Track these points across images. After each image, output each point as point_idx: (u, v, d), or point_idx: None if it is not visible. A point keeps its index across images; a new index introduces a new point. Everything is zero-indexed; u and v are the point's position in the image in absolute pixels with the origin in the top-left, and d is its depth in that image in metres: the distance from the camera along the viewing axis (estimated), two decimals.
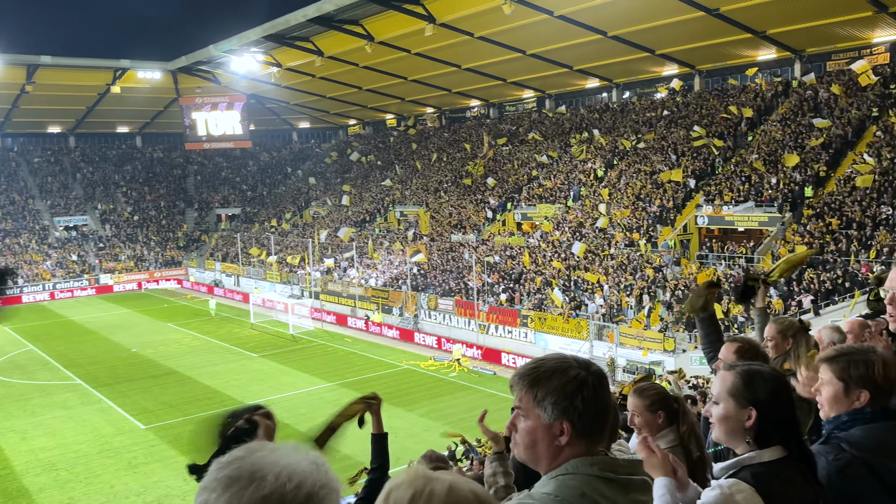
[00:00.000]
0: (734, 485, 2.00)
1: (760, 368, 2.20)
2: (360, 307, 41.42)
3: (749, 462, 2.08)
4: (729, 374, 2.19)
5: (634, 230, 34.74)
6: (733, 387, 2.15)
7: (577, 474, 1.65)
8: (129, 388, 28.91)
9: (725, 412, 2.15)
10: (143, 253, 60.12)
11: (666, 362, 26.27)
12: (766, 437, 2.09)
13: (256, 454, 1.16)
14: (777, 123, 36.03)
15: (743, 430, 2.11)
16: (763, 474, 2.03)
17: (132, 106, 62.89)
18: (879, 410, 2.27)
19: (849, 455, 2.20)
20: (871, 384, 2.26)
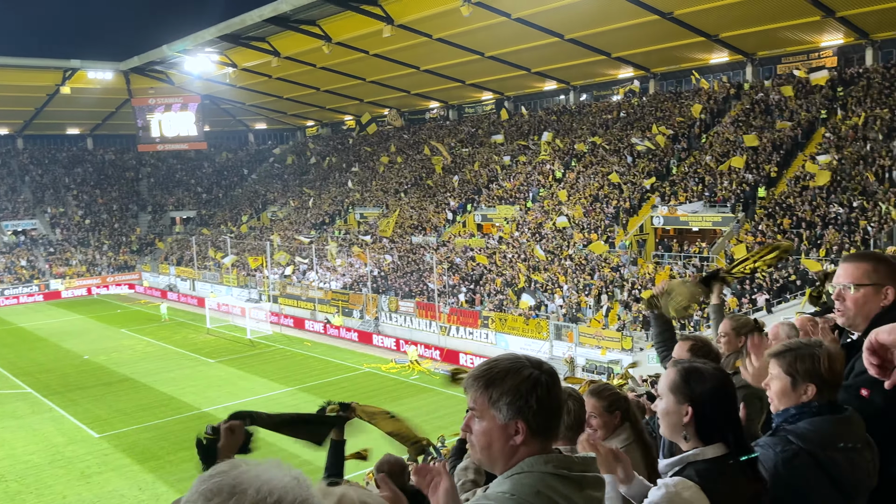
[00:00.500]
0: (679, 482, 2.03)
1: (701, 366, 2.24)
2: (321, 310, 41.07)
3: (693, 459, 2.11)
4: (671, 370, 2.25)
5: (592, 230, 35.13)
6: (673, 383, 2.20)
7: (532, 472, 1.66)
8: (81, 396, 28.17)
9: (666, 408, 2.21)
10: (95, 257, 58.69)
11: (624, 361, 26.64)
12: (708, 434, 2.13)
13: (239, 469, 1.16)
14: (729, 125, 36.83)
15: (681, 425, 2.16)
16: (707, 471, 2.07)
17: (83, 107, 61.38)
18: (826, 404, 2.32)
19: (795, 447, 2.25)
20: (818, 378, 2.31)
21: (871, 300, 2.64)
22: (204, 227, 62.03)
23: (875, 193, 27.53)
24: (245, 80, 54.30)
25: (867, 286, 2.64)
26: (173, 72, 55.93)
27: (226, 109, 68.11)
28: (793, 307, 23.66)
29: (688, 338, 4.05)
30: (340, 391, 27.89)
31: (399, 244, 43.93)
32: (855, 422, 2.33)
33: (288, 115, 68.22)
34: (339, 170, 59.60)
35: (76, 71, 55.06)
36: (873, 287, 2.63)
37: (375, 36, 40.14)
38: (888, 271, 2.65)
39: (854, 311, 2.68)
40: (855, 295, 2.67)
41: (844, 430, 2.29)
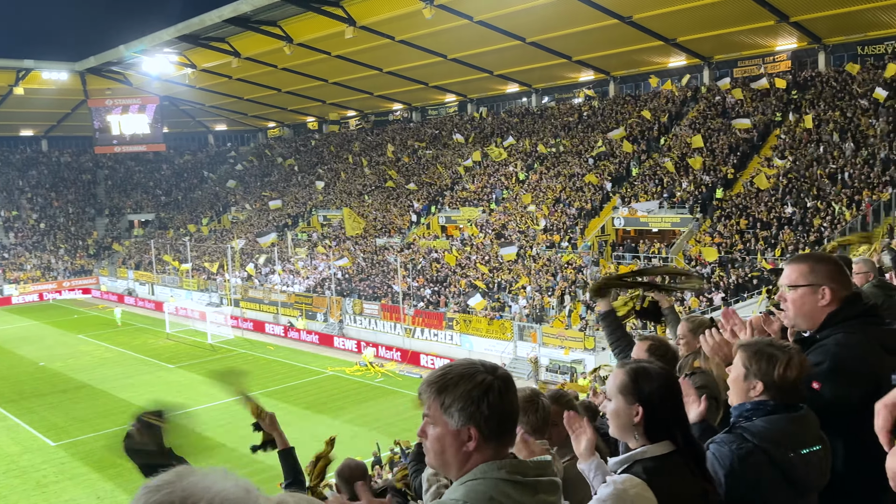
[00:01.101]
0: (627, 479, 2.08)
1: (648, 366, 2.29)
2: (283, 314, 40.68)
3: (640, 457, 2.16)
4: (619, 371, 2.29)
5: (555, 232, 35.44)
6: (622, 384, 2.24)
7: (485, 479, 1.65)
8: (36, 403, 27.48)
9: (616, 408, 2.25)
10: (51, 262, 57.31)
11: (587, 360, 26.91)
12: (655, 433, 2.18)
13: (187, 479, 1.11)
14: (687, 128, 37.48)
15: (632, 425, 2.20)
16: (653, 469, 2.11)
17: (37, 108, 59.83)
18: (782, 403, 2.37)
19: (750, 445, 2.31)
20: (767, 379, 2.38)
21: (807, 300, 2.73)
22: (163, 229, 61.00)
23: (828, 194, 28.29)
24: (205, 80, 53.55)
25: (803, 287, 2.73)
26: (131, 72, 54.90)
27: (185, 111, 67.05)
28: (749, 306, 24.17)
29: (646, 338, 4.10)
30: (304, 395, 27.69)
31: (363, 246, 43.75)
32: (810, 421, 2.39)
33: (249, 116, 67.44)
34: (301, 171, 59.12)
35: (30, 71, 53.68)
36: (809, 287, 2.72)
37: (337, 37, 39.94)
38: (826, 271, 2.73)
39: (793, 311, 2.78)
40: (792, 296, 2.76)
41: (798, 429, 2.35)
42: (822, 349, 2.65)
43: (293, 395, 27.60)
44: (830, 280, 2.71)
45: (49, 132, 68.52)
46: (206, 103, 63.29)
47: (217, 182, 66.85)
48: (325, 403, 26.32)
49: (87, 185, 67.52)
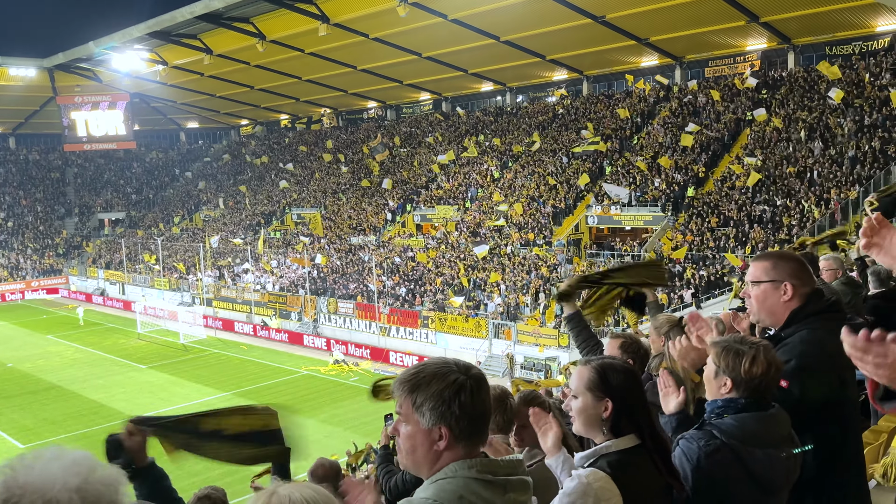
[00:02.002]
0: (591, 473, 2.11)
1: (612, 362, 2.34)
2: (257, 313, 40.38)
3: (605, 451, 2.19)
4: (585, 368, 2.32)
5: (529, 230, 35.60)
6: (590, 381, 2.27)
7: (455, 478, 1.66)
8: (4, 405, 27.00)
9: (584, 405, 2.27)
10: (19, 261, 56.27)
11: (561, 357, 27.08)
12: (621, 427, 2.22)
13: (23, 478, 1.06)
14: (659, 127, 37.84)
15: (600, 420, 2.24)
16: (618, 462, 2.15)
17: (4, 105, 58.65)
18: (752, 401, 2.41)
19: (718, 442, 2.34)
20: (735, 374, 2.42)
21: (770, 296, 2.77)
22: (134, 228, 60.18)
23: (797, 192, 28.75)
24: (176, 77, 52.88)
25: (765, 283, 2.78)
26: (101, 69, 54.04)
27: (156, 108, 66.18)
28: (721, 302, 24.49)
29: (618, 335, 4.13)
30: (278, 395, 27.51)
31: (337, 245, 43.57)
32: (780, 420, 2.42)
33: (221, 113, 66.75)
34: (274, 169, 58.69)
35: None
36: (771, 283, 2.76)
37: (311, 34, 39.69)
38: (788, 268, 2.78)
39: (756, 306, 2.83)
40: (755, 291, 2.81)
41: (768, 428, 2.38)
42: (788, 347, 2.68)
43: (267, 394, 27.42)
44: (792, 276, 2.75)
45: (17, 129, 67.21)
46: (177, 100, 62.50)
47: (189, 180, 66.11)
48: (299, 403, 26.16)
49: (55, 184, 66.37)
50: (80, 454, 1.10)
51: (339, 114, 61.35)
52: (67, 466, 1.07)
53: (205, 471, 19.59)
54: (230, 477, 17.63)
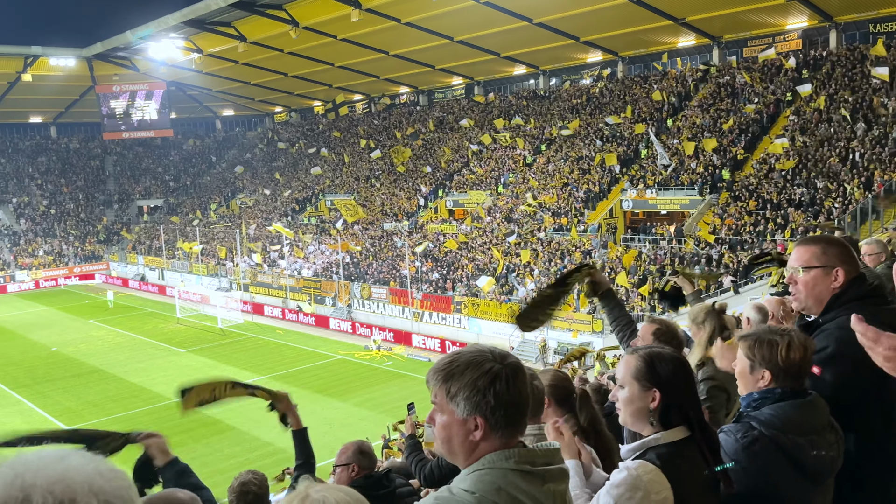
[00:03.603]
0: (640, 466, 2.05)
1: (661, 351, 2.25)
2: (292, 298, 40.86)
3: (654, 443, 2.12)
4: (632, 357, 2.24)
5: (563, 215, 35.35)
6: (637, 370, 2.19)
7: (493, 469, 1.63)
8: (50, 388, 27.77)
9: (630, 395, 2.20)
10: (62, 248, 57.65)
11: (595, 343, 26.91)
12: (670, 419, 2.14)
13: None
14: (697, 108, 37.18)
15: (648, 412, 2.16)
16: (667, 455, 2.08)
17: (45, 95, 59.90)
18: (789, 390, 2.35)
19: (756, 433, 2.28)
20: (773, 365, 2.34)
21: (820, 282, 2.68)
22: (172, 215, 61.19)
23: (839, 174, 28.05)
24: (211, 65, 53.44)
25: (816, 268, 2.68)
26: (138, 58, 54.83)
27: (192, 96, 67.01)
28: (759, 287, 24.09)
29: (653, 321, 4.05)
30: (314, 379, 27.85)
31: (371, 231, 43.79)
32: (819, 407, 2.36)
33: (256, 101, 67.32)
34: (308, 156, 59.09)
35: (38, 58, 53.69)
36: (822, 269, 2.67)
37: (343, 20, 39.72)
38: (837, 253, 2.68)
39: (805, 293, 2.73)
40: (804, 277, 2.71)
41: (808, 416, 2.32)
42: (826, 333, 2.61)
43: (303, 378, 27.79)
44: (843, 262, 2.67)
45: (58, 119, 68.66)
46: (213, 88, 63.19)
47: (225, 168, 66.93)
48: (334, 387, 26.48)
49: (95, 172, 67.73)
50: (84, 454, 1.05)
51: (372, 99, 61.44)
52: (78, 466, 1.02)
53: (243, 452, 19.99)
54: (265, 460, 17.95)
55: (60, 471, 0.99)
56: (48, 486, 0.97)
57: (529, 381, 3.14)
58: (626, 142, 37.99)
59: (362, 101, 62.20)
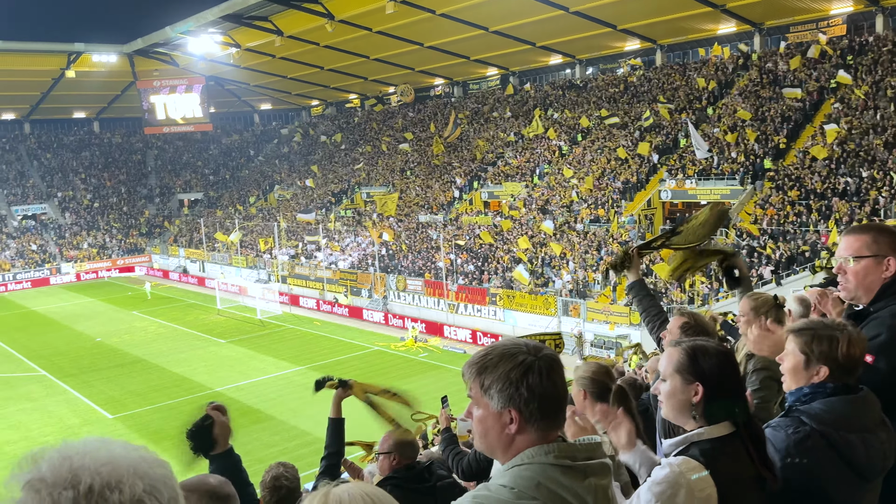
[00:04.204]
0: (683, 462, 1.99)
1: (706, 344, 2.18)
2: (329, 290, 41.23)
3: (697, 438, 2.07)
4: (675, 350, 2.18)
5: (600, 206, 35.01)
6: (679, 363, 2.14)
7: (532, 464, 1.61)
8: (94, 377, 28.48)
9: (672, 389, 2.14)
10: (105, 240, 59.00)
11: (632, 336, 26.66)
12: (714, 414, 2.08)
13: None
14: (738, 96, 36.44)
15: (690, 406, 2.10)
16: (711, 451, 2.02)
17: (88, 90, 61.32)
18: (841, 385, 2.28)
19: (808, 428, 2.22)
20: (832, 361, 2.27)
21: (871, 272, 2.62)
22: (212, 208, 62.15)
23: (885, 163, 27.27)
24: (249, 60, 54.05)
25: (867, 258, 2.63)
26: (177, 53, 55.74)
27: (230, 90, 67.90)
28: (802, 279, 23.57)
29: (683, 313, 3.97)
30: (351, 369, 28.09)
31: (406, 223, 43.93)
32: (870, 403, 2.30)
33: (293, 94, 67.95)
34: (344, 149, 59.47)
35: (80, 54, 54.97)
36: (874, 259, 2.61)
37: (378, 13, 39.80)
38: (889, 242, 2.62)
39: (855, 283, 2.67)
40: (855, 267, 2.65)
41: (859, 412, 2.26)
42: (878, 321, 2.55)
43: (340, 369, 28.04)
44: (894, 250, 2.61)
45: (100, 114, 70.19)
46: (250, 83, 63.95)
47: (263, 161, 67.71)
48: (370, 378, 26.60)
49: (137, 166, 69.13)
50: (127, 443, 1.09)
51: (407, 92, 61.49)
52: (123, 452, 1.06)
53: (282, 441, 20.27)
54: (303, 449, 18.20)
55: (106, 455, 1.03)
56: (96, 468, 1.00)
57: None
58: (664, 131, 37.43)
59: (397, 93, 62.30)
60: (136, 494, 1.01)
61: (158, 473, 1.07)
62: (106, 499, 0.98)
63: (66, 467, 0.99)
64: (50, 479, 0.98)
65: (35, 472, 0.99)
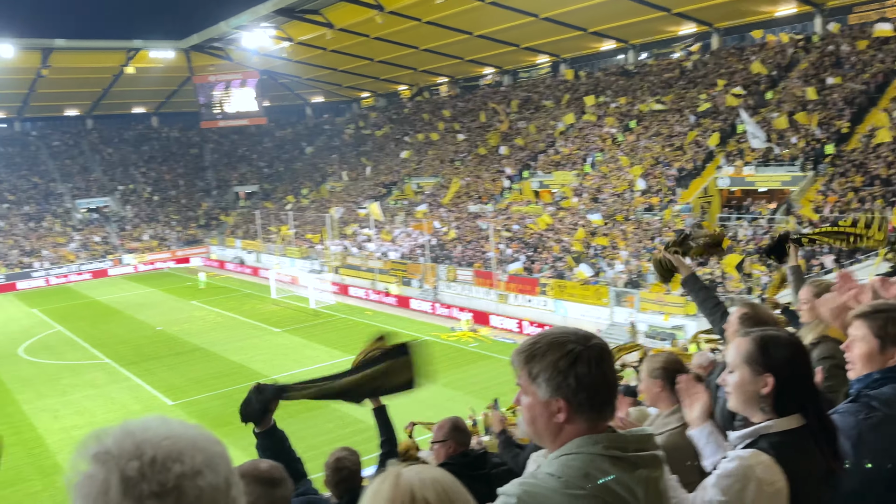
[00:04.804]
0: (753, 455, 1.95)
1: (777, 334, 2.12)
2: (380, 280, 41.58)
3: (766, 431, 2.02)
4: (744, 340, 2.13)
5: (654, 194, 34.40)
6: (748, 354, 2.08)
7: (580, 454, 1.60)
8: (155, 365, 29.37)
9: (741, 380, 2.09)
10: (165, 232, 60.68)
11: (688, 326, 26.15)
12: (784, 405, 2.03)
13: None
14: (798, 80, 35.28)
15: (759, 398, 2.05)
16: (781, 444, 1.97)
17: (147, 86, 63.03)
18: None
19: (881, 413, 2.14)
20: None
21: None
22: (266, 200, 63.28)
23: None
24: (301, 53, 54.73)
25: None
26: (232, 48, 56.78)
27: (283, 84, 68.90)
28: (865, 268, 22.75)
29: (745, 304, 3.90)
30: None
31: (456, 213, 43.93)
32: None
33: (343, 87, 68.55)
34: (394, 140, 59.77)
35: (139, 51, 56.51)
36: None
37: (427, 3, 39.85)
38: None
39: None
40: None
41: None
42: None
43: None
44: None
45: (159, 109, 72.08)
46: (302, 76, 64.77)
47: (315, 153, 68.58)
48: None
49: (195, 159, 70.84)
50: (185, 421, 1.15)
51: (456, 81, 61.41)
52: (182, 429, 1.12)
53: (336, 429, 20.57)
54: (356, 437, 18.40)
55: (167, 430, 1.09)
56: (158, 442, 1.06)
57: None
58: (721, 116, 36.50)
59: (446, 83, 62.29)
60: (196, 466, 1.06)
61: (216, 450, 1.13)
62: (169, 469, 1.03)
63: (130, 441, 1.05)
64: (115, 452, 1.04)
65: (101, 447, 1.05)
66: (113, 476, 1.01)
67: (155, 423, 1.11)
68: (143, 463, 1.03)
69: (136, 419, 1.11)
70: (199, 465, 1.07)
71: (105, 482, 1.01)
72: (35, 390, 26.74)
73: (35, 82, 57.40)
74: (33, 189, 61.03)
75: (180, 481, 1.04)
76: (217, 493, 1.08)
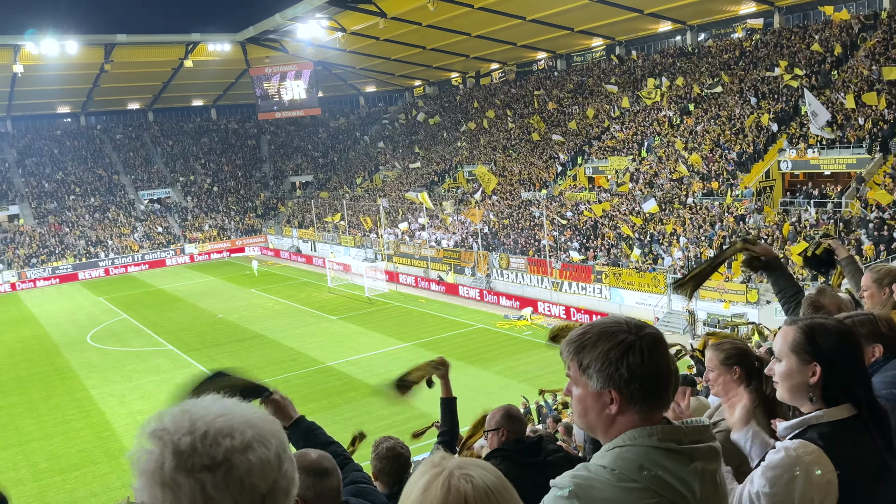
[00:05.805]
0: (801, 446, 1.88)
1: (824, 321, 2.05)
2: (433, 268, 41.73)
3: (815, 421, 1.95)
4: (790, 329, 2.06)
5: (713, 178, 33.55)
6: (795, 342, 2.02)
7: (634, 446, 1.55)
8: (217, 352, 30.15)
9: (788, 369, 2.03)
10: (224, 222, 62.13)
11: (749, 314, 25.49)
12: (833, 395, 1.96)
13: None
14: (864, 59, 33.84)
15: (807, 387, 1.99)
16: (831, 435, 1.90)
17: (205, 79, 64.54)
18: None
19: None
20: None
21: None
22: (321, 190, 64.14)
23: None
24: (354, 43, 55.09)
25: None
26: (286, 40, 57.56)
27: (337, 74, 69.54)
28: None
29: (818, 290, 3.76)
30: (456, 347, 28.40)
31: (508, 200, 43.70)
32: None
33: (396, 76, 68.79)
34: (446, 128, 59.73)
35: (197, 44, 57.82)
36: None
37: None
38: None
39: None
40: None
41: None
42: None
43: (445, 346, 28.39)
44: None
45: (217, 101, 73.69)
46: (355, 66, 65.24)
47: (369, 143, 69.14)
48: (474, 355, 26.86)
49: (252, 151, 72.25)
50: (241, 402, 1.23)
51: (508, 68, 60.91)
52: (235, 407, 1.20)
53: (390, 416, 20.78)
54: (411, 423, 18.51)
55: (221, 408, 1.18)
56: (212, 419, 1.15)
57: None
58: (783, 97, 35.30)
59: (499, 69, 61.86)
60: (246, 440, 1.14)
61: (268, 427, 1.19)
62: (219, 443, 1.12)
63: (186, 418, 1.15)
64: (171, 428, 1.13)
65: (160, 424, 1.15)
66: (167, 450, 1.11)
67: (211, 402, 1.20)
68: (195, 438, 1.11)
69: (196, 399, 1.20)
70: (249, 440, 1.14)
71: (160, 456, 1.11)
72: (102, 376, 27.79)
73: (98, 77, 59.33)
74: (98, 181, 63.20)
75: (230, 454, 1.11)
76: (267, 467, 1.15)
